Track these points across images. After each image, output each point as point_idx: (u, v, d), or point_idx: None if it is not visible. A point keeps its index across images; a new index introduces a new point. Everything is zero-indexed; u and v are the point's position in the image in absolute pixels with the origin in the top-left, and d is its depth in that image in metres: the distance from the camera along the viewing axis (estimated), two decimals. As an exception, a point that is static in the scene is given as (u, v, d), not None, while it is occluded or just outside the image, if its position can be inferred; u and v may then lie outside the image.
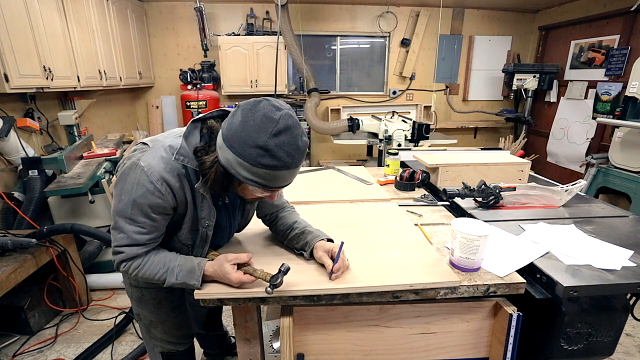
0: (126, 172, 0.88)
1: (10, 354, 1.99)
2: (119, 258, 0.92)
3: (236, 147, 0.77)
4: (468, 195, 1.48)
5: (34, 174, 2.42)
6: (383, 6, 4.72)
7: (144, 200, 0.86)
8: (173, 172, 0.87)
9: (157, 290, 1.15)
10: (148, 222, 0.89)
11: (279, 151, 0.76)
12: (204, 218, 0.97)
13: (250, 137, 0.75)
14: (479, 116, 5.25)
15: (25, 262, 1.87)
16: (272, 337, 1.68)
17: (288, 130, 0.77)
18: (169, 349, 1.26)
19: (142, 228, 0.89)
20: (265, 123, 0.75)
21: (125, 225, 0.89)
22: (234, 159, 0.78)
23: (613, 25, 3.86)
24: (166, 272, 0.93)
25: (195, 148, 0.87)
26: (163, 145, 0.89)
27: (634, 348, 2.04)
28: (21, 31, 2.28)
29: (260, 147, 0.75)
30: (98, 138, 3.62)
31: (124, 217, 0.88)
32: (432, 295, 0.96)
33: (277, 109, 0.77)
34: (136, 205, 0.86)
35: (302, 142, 0.80)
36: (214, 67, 4.60)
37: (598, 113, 3.95)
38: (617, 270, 0.99)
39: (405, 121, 3.67)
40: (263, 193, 0.89)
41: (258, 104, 0.79)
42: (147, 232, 0.90)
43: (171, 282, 0.93)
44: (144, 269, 0.92)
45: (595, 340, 1.02)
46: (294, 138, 0.78)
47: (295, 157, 0.80)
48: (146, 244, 0.92)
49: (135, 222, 0.88)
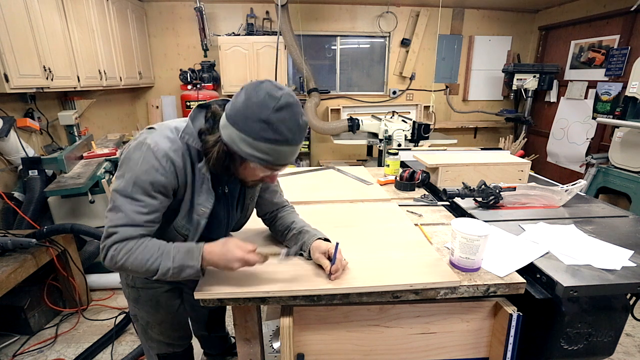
0: (131, 151, 0.88)
1: (10, 354, 1.99)
2: (112, 240, 0.85)
3: (239, 123, 0.81)
4: (468, 195, 1.48)
5: (34, 174, 2.42)
6: (383, 6, 4.72)
7: (147, 176, 0.85)
8: (178, 152, 0.89)
9: (155, 290, 1.14)
10: (148, 200, 0.86)
11: (281, 125, 0.79)
12: (200, 204, 0.96)
13: (254, 113, 0.79)
14: (479, 116, 5.25)
15: (25, 262, 1.87)
16: (272, 337, 1.68)
17: (289, 106, 0.80)
18: (165, 350, 1.25)
19: (142, 207, 0.86)
20: (268, 99, 0.79)
21: (124, 203, 0.85)
22: (237, 135, 0.82)
23: (613, 25, 3.86)
24: (160, 255, 0.86)
25: (199, 129, 0.91)
26: (169, 127, 0.93)
27: (634, 348, 2.04)
28: (21, 31, 2.28)
29: (263, 120, 0.78)
30: (98, 138, 3.62)
31: (124, 196, 0.85)
32: (432, 295, 0.96)
33: (279, 88, 0.81)
34: (138, 183, 0.84)
35: (302, 121, 0.84)
36: (214, 67, 4.60)
37: (598, 113, 3.95)
38: (617, 270, 0.99)
39: (405, 121, 3.67)
40: (264, 172, 0.90)
41: (261, 83, 0.82)
42: (146, 212, 0.87)
43: (166, 268, 0.86)
44: (135, 252, 0.85)
45: (595, 340, 1.02)
46: (295, 115, 0.81)
47: (296, 134, 0.83)
48: (143, 225, 0.87)
49: (135, 200, 0.85)
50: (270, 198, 1.19)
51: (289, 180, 1.95)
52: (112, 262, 0.86)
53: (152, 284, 1.14)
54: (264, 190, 1.18)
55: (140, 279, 1.13)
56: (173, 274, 0.87)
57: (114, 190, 0.87)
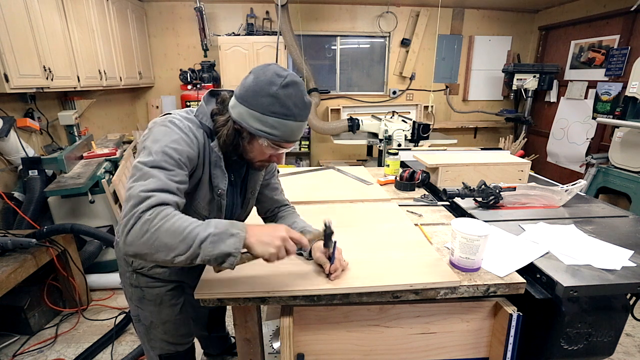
0: (155, 128, 0.88)
1: (10, 354, 1.99)
2: (147, 204, 0.75)
3: (249, 100, 0.86)
4: (468, 195, 1.48)
5: (34, 174, 2.42)
6: (383, 6, 4.72)
7: (176, 145, 0.84)
8: (197, 129, 0.93)
9: (159, 289, 1.14)
10: (178, 170, 0.84)
11: (288, 100, 0.85)
12: (217, 186, 0.99)
13: (262, 89, 0.84)
14: (479, 116, 5.25)
15: (25, 262, 1.87)
16: (272, 337, 1.68)
17: (295, 84, 0.86)
18: (168, 349, 1.25)
19: (174, 176, 0.82)
20: (275, 77, 0.85)
21: (154, 172, 0.80)
22: (246, 112, 0.87)
23: (613, 25, 3.86)
24: (200, 225, 0.77)
25: (212, 110, 0.96)
26: (185, 110, 0.98)
27: (634, 348, 2.04)
28: (21, 31, 2.28)
29: (271, 95, 0.84)
30: (98, 138, 3.62)
31: (153, 166, 0.81)
32: (432, 295, 0.96)
33: (284, 70, 0.88)
34: (168, 152, 0.83)
35: (307, 99, 0.89)
36: (214, 67, 4.60)
37: (598, 113, 3.95)
38: (617, 270, 0.99)
39: (405, 121, 3.67)
40: (271, 150, 0.93)
41: (268, 65, 0.88)
42: (178, 180, 0.83)
43: (206, 234, 0.76)
44: (173, 219, 0.76)
45: (595, 340, 1.02)
46: (301, 92, 0.87)
47: (302, 110, 0.88)
48: (177, 193, 0.82)
49: (165, 169, 0.81)
50: (270, 194, 1.21)
51: (289, 180, 1.95)
52: (143, 230, 0.74)
53: (155, 283, 1.13)
54: (264, 186, 1.19)
55: (144, 278, 1.12)
56: (211, 243, 0.75)
57: (139, 162, 0.82)
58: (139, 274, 1.12)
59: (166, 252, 0.74)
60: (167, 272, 1.13)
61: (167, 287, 1.15)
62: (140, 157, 0.83)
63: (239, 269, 1.01)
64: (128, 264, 1.12)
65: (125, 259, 1.12)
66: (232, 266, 0.79)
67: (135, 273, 1.12)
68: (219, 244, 0.76)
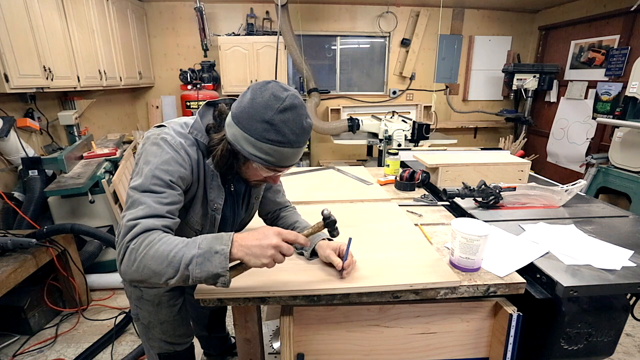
0: (147, 147, 0.87)
1: (10, 354, 1.99)
2: (132, 233, 0.76)
3: (243, 123, 0.82)
4: (468, 195, 1.48)
5: (34, 174, 2.42)
6: (383, 6, 4.72)
7: (167, 166, 0.84)
8: (191, 147, 0.91)
9: (157, 290, 1.15)
10: (169, 191, 0.83)
11: (284, 127, 0.80)
12: (212, 200, 0.98)
13: (258, 113, 0.80)
14: (479, 116, 5.25)
15: (25, 262, 1.87)
16: (272, 337, 1.68)
17: (294, 108, 0.81)
18: (167, 349, 1.25)
19: (163, 198, 0.82)
20: (272, 100, 0.80)
21: (143, 197, 0.80)
22: (240, 135, 0.83)
23: (613, 25, 3.86)
24: (185, 246, 0.76)
25: (207, 125, 0.93)
26: (179, 123, 0.94)
27: (634, 348, 2.04)
28: (21, 31, 2.27)
29: (266, 121, 0.79)
30: (98, 138, 3.62)
31: (143, 191, 0.81)
32: (432, 295, 0.96)
33: (284, 90, 0.82)
34: (158, 175, 0.82)
35: (306, 123, 0.84)
36: (214, 67, 4.60)
37: (598, 113, 3.95)
38: (617, 270, 0.99)
39: (405, 121, 3.67)
40: (267, 172, 0.91)
41: (267, 84, 0.83)
42: (168, 202, 0.82)
43: (190, 256, 0.74)
44: (157, 244, 0.75)
45: (595, 340, 1.02)
46: (299, 117, 0.82)
47: (300, 137, 0.83)
48: (165, 216, 0.81)
49: (155, 192, 0.81)
50: (272, 197, 1.21)
51: (289, 180, 1.95)
52: (130, 260, 0.75)
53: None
54: (266, 189, 1.19)
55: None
56: (197, 265, 0.74)
57: (131, 188, 0.83)
58: None
59: (157, 277, 0.75)
60: None
61: (165, 287, 1.15)
62: (132, 181, 0.85)
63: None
64: None
65: None
66: (226, 284, 0.76)
67: None
68: (205, 265, 0.74)
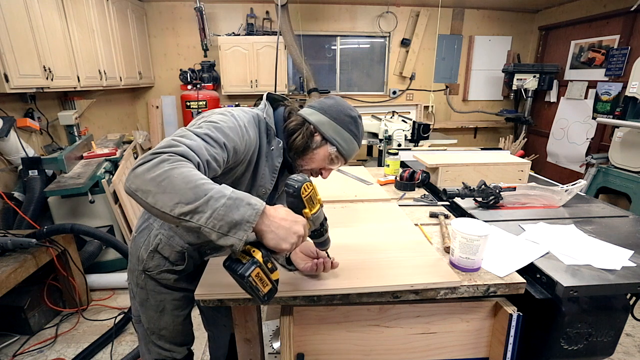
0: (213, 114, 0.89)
1: (10, 354, 1.99)
2: (174, 150, 0.71)
3: (331, 113, 0.99)
4: (468, 195, 1.48)
5: (34, 174, 2.42)
6: (383, 6, 4.72)
7: (227, 131, 0.84)
8: (254, 128, 0.95)
9: (164, 296, 1.12)
10: (219, 150, 0.81)
11: (360, 127, 1.03)
12: (262, 186, 1.02)
13: (344, 110, 1.01)
14: (479, 116, 5.25)
15: (25, 262, 1.87)
16: (272, 337, 1.68)
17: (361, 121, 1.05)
18: (164, 355, 1.22)
19: (212, 149, 0.79)
20: (351, 109, 1.02)
21: (195, 137, 0.78)
22: (327, 121, 0.99)
23: (613, 25, 3.86)
24: (214, 187, 0.68)
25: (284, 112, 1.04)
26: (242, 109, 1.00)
27: (634, 348, 2.04)
28: (21, 31, 2.28)
29: (352, 117, 1.01)
30: (98, 138, 3.62)
31: (197, 134, 0.79)
32: (432, 295, 0.96)
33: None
34: (219, 130, 0.82)
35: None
36: (214, 67, 4.61)
37: (598, 113, 3.95)
38: (617, 270, 0.99)
39: (405, 121, 3.67)
40: (329, 163, 1.03)
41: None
42: (213, 156, 0.78)
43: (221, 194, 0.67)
44: (193, 170, 0.69)
45: (595, 340, 1.02)
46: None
47: (361, 141, 1.05)
48: (203, 163, 0.76)
49: (207, 142, 0.79)
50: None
51: (289, 180, 1.94)
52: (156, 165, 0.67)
53: (161, 289, 1.10)
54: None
55: (151, 281, 1.09)
56: (224, 205, 0.66)
57: (184, 129, 0.81)
58: (147, 276, 1.09)
59: (171, 195, 0.66)
60: (175, 279, 1.10)
61: (172, 295, 1.13)
62: (187, 126, 0.84)
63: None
64: (139, 262, 1.08)
65: (138, 256, 1.07)
66: (239, 245, 0.67)
67: (144, 273, 1.08)
68: (231, 210, 0.66)
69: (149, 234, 1.06)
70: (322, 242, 0.88)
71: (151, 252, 1.06)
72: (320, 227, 0.84)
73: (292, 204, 0.78)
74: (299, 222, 0.74)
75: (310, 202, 0.79)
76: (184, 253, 1.08)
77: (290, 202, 0.79)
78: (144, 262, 1.07)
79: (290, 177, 0.80)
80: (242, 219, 0.67)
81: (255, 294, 0.72)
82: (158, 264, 1.08)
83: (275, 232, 0.71)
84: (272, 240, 0.71)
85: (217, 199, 0.67)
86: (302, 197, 0.77)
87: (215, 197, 0.67)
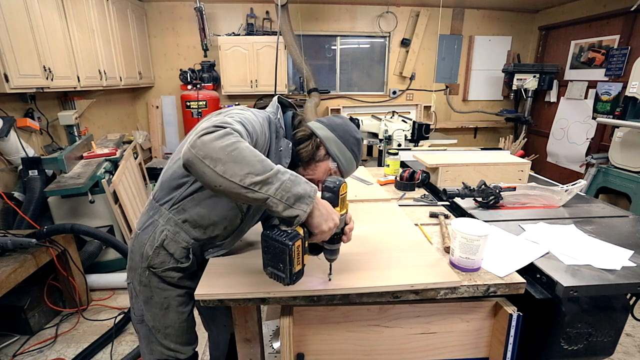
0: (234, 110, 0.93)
1: (10, 354, 1.99)
2: (225, 130, 0.75)
3: (338, 131, 1.05)
4: (468, 195, 1.48)
5: (34, 174, 2.42)
6: (383, 6, 4.72)
7: (252, 123, 0.89)
8: (267, 125, 0.99)
9: (169, 292, 1.11)
10: (249, 140, 0.84)
11: (361, 149, 1.10)
12: None
13: (350, 131, 1.07)
14: (479, 116, 5.25)
15: (25, 262, 1.87)
16: (272, 337, 1.68)
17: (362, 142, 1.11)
18: (167, 355, 1.22)
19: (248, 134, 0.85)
20: (357, 131, 1.09)
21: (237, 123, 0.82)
22: (333, 138, 1.05)
23: (613, 25, 3.86)
24: (273, 167, 0.75)
25: (293, 120, 1.08)
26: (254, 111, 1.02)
27: (634, 348, 2.04)
28: (21, 31, 2.28)
29: (356, 139, 1.07)
30: (98, 138, 3.62)
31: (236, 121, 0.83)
32: (432, 295, 0.96)
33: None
34: (245, 119, 0.87)
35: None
36: (214, 67, 4.61)
37: (598, 113, 3.96)
38: (617, 270, 0.99)
39: (405, 121, 3.67)
40: (327, 176, 1.05)
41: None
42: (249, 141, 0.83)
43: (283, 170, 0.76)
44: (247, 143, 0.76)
45: (595, 340, 1.02)
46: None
47: (359, 164, 1.12)
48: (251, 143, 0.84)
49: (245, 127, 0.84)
50: None
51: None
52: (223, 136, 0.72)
53: (166, 286, 1.10)
54: None
55: (155, 278, 1.08)
56: (290, 180, 0.75)
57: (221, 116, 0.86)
58: (152, 272, 1.07)
59: (242, 165, 0.71)
60: (179, 277, 1.10)
61: (177, 291, 1.12)
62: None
63: (238, 269, 1.01)
64: (144, 259, 1.06)
65: (142, 253, 1.06)
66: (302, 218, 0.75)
67: (148, 270, 1.07)
68: (295, 185, 0.75)
69: (154, 230, 1.06)
70: (334, 250, 0.91)
71: (157, 248, 1.05)
72: (340, 232, 0.89)
73: (329, 199, 0.85)
74: (336, 213, 0.83)
75: (342, 203, 0.87)
76: (189, 249, 1.08)
77: (327, 197, 0.85)
78: (149, 258, 1.06)
79: (331, 176, 0.91)
80: (305, 192, 0.76)
81: (288, 270, 0.78)
82: (163, 260, 1.06)
83: (321, 211, 0.80)
84: (318, 218, 0.79)
85: (283, 173, 0.75)
86: (339, 194, 0.84)
87: (282, 171, 0.76)
